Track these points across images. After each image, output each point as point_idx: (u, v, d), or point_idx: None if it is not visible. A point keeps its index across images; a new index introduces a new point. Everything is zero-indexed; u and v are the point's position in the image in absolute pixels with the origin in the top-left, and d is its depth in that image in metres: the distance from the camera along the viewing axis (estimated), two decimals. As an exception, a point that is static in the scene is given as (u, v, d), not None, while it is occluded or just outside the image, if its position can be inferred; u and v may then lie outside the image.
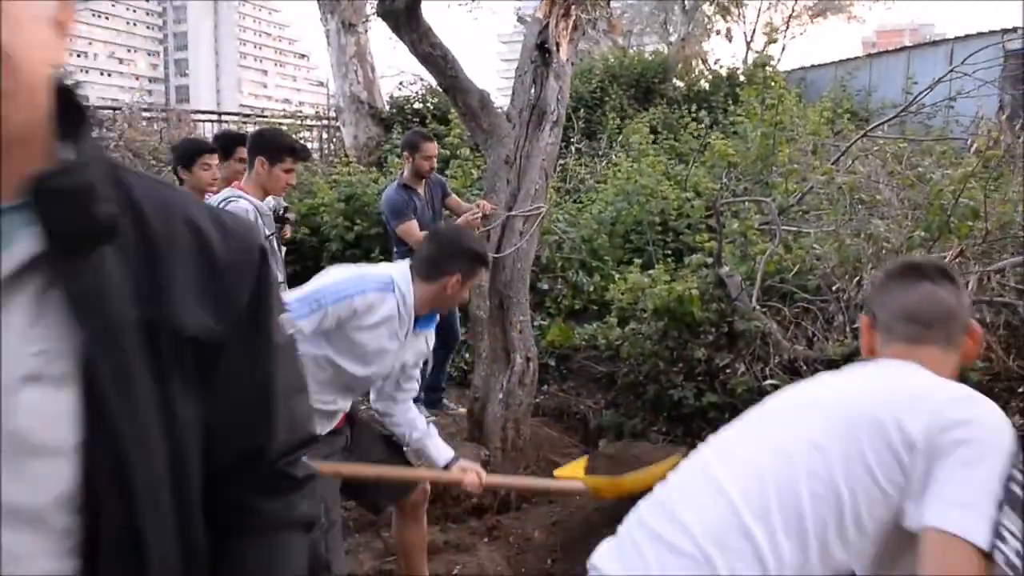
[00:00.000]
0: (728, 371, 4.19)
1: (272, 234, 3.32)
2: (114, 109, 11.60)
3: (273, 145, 3.27)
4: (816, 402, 1.37)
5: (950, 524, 1.11)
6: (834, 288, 4.17)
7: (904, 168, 5.00)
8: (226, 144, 3.98)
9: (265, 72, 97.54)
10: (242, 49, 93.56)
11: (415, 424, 2.55)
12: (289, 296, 2.21)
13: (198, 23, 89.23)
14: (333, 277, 2.31)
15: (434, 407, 4.83)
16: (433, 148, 4.60)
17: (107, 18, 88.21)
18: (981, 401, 1.27)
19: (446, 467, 2.51)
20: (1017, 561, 1.08)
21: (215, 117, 15.32)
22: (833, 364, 3.97)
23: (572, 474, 2.72)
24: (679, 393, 4.25)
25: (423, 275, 2.34)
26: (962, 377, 3.44)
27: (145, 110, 11.53)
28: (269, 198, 3.46)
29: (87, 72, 77.47)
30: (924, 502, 1.16)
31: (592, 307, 6.02)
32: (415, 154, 4.54)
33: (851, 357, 3.79)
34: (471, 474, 2.47)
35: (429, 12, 4.26)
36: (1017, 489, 1.15)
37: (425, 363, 2.71)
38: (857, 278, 4.03)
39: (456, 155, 7.80)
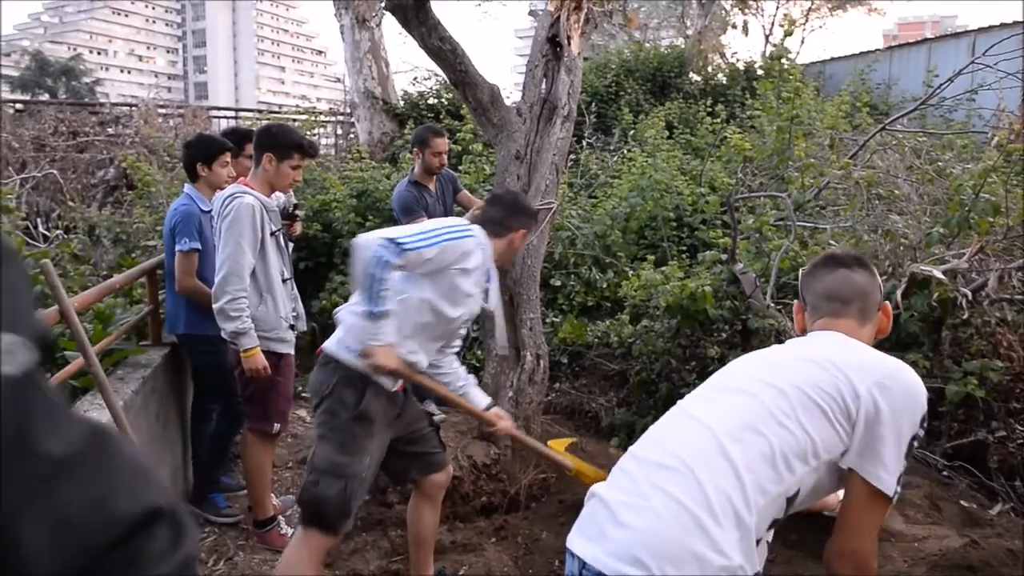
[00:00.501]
0: (742, 370, 4.13)
1: (279, 230, 3.29)
2: (130, 106, 11.67)
3: (280, 141, 3.24)
4: (775, 360, 1.67)
5: (877, 481, 1.49)
6: (850, 285, 4.09)
7: (923, 163, 4.90)
8: (236, 140, 3.97)
9: (283, 68, 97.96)
10: (260, 46, 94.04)
11: (459, 374, 2.83)
12: (402, 230, 2.47)
13: (216, 20, 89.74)
14: (440, 221, 2.66)
15: (445, 404, 4.79)
16: (443, 144, 4.55)
17: (126, 16, 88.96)
18: (908, 371, 1.58)
19: (485, 410, 2.78)
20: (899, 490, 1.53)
21: (231, 113, 15.40)
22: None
23: (561, 450, 2.82)
24: (691, 391, 4.19)
25: (493, 233, 2.65)
26: (982, 377, 3.36)
27: (161, 106, 11.57)
28: (277, 194, 3.43)
29: (107, 69, 78.11)
30: (864, 457, 1.50)
31: (605, 304, 5.96)
32: (425, 150, 4.50)
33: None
34: (505, 421, 2.77)
35: (443, 8, 4.22)
36: (916, 443, 1.55)
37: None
38: (874, 275, 3.95)
39: (468, 151, 7.76)
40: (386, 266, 2.35)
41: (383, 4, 9.47)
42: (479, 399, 2.82)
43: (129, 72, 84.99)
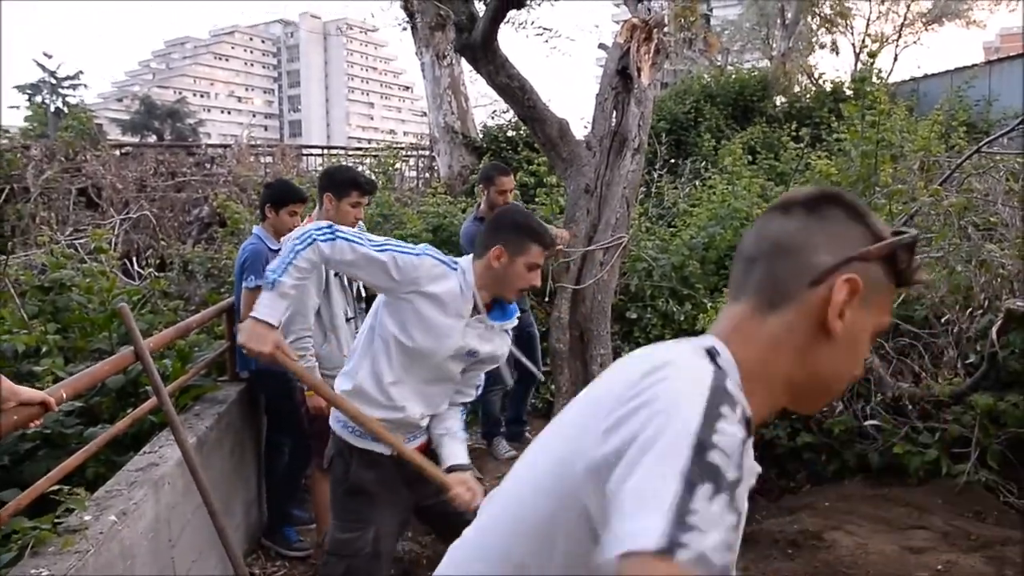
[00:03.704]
0: (825, 410, 3.91)
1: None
2: (224, 146, 12.23)
3: (337, 181, 3.34)
4: None
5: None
6: (943, 320, 3.84)
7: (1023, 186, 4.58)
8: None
9: (372, 105, 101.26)
10: (350, 84, 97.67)
11: (447, 424, 2.47)
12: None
13: (309, 61, 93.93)
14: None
15: (516, 440, 4.74)
16: (508, 182, 4.54)
17: (227, 60, 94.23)
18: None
19: (448, 471, 2.36)
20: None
21: (321, 151, 15.94)
22: (942, 403, 3.65)
23: None
24: (771, 432, 4.00)
25: (475, 254, 2.32)
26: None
27: (252, 146, 12.08)
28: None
29: (209, 111, 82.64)
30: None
31: (683, 336, 5.80)
32: (490, 187, 4.50)
33: (961, 396, 3.47)
34: (464, 489, 2.27)
35: (525, 41, 4.24)
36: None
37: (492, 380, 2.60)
38: (969, 309, 3.69)
39: (543, 183, 7.75)
40: (308, 241, 2.13)
41: (452, 44, 9.66)
42: (449, 455, 2.39)
43: (229, 112, 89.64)
